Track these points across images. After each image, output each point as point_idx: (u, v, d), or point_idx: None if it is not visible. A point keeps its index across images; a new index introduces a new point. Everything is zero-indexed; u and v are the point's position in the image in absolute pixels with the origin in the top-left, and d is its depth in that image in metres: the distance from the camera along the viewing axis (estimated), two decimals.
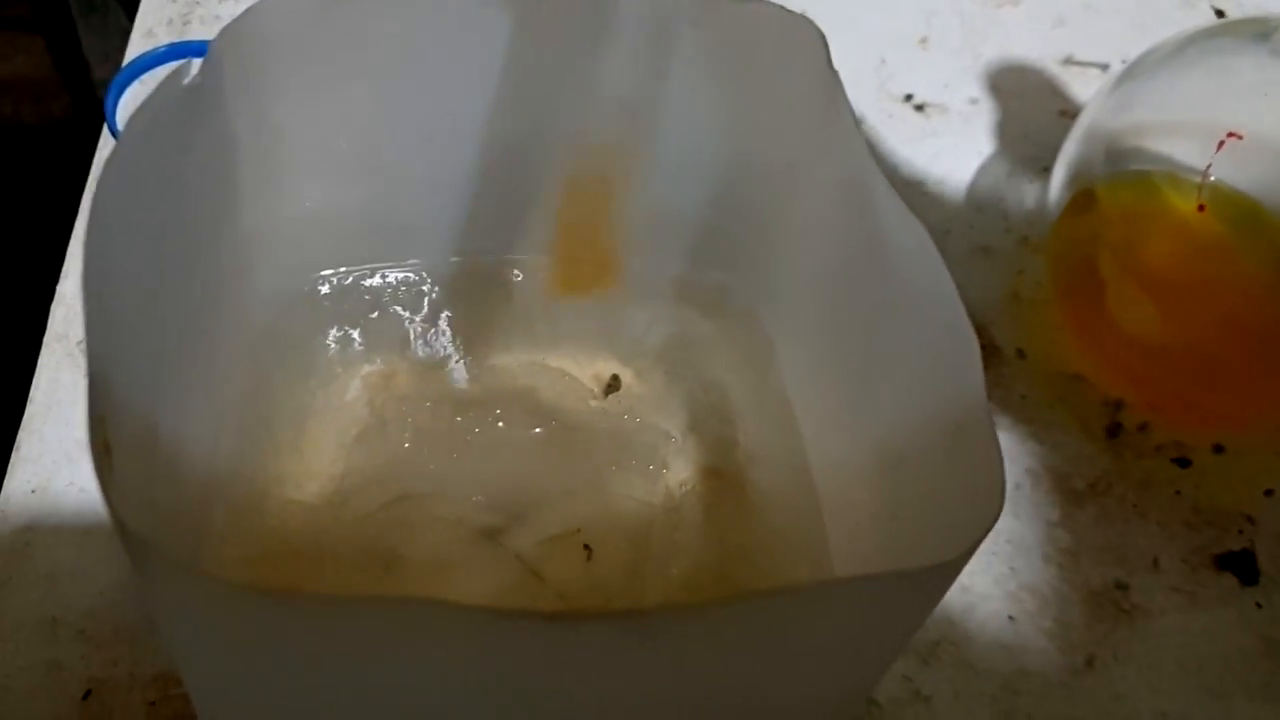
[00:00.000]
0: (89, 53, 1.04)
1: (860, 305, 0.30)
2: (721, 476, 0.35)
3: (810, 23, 0.29)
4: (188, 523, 0.28)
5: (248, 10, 0.29)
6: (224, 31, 0.28)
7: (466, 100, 0.33)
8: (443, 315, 0.37)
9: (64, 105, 1.12)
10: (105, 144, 0.45)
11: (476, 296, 0.37)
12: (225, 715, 0.24)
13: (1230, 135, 0.36)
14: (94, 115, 1.04)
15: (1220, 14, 0.52)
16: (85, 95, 1.07)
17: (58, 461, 0.37)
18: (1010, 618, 0.36)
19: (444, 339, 0.37)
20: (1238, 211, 0.39)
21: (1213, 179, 0.38)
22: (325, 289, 0.36)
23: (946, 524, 0.23)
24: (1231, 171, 0.39)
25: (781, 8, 0.30)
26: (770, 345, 0.36)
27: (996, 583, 0.37)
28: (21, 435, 0.38)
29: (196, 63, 0.27)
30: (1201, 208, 0.37)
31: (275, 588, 0.19)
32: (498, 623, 0.19)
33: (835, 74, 0.29)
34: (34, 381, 0.39)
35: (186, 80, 0.26)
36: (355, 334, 0.36)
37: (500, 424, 0.35)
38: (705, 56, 0.31)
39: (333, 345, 0.36)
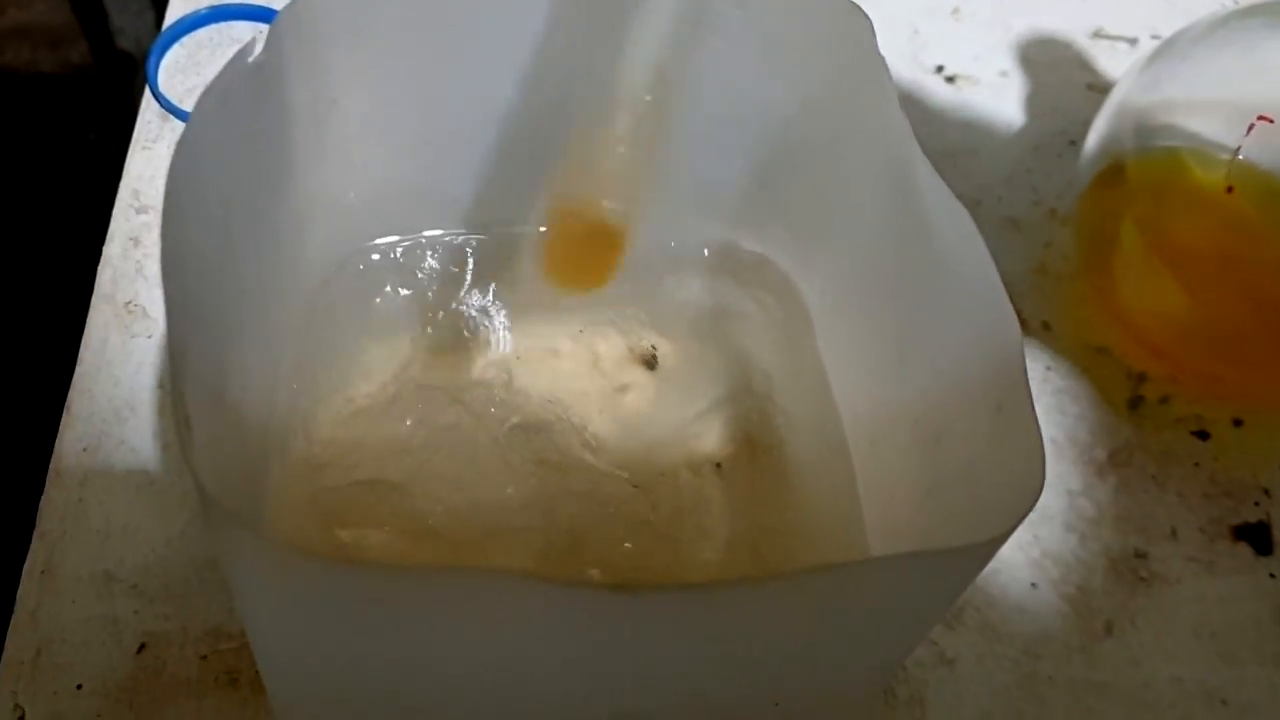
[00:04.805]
0: (108, 1, 1.04)
1: (901, 283, 0.30)
2: (756, 448, 0.36)
3: (858, 8, 0.29)
4: (247, 482, 0.29)
5: None
6: (285, 11, 0.29)
7: (512, 72, 0.33)
8: (488, 288, 0.37)
9: (82, 53, 1.12)
10: (148, 105, 0.46)
11: (520, 267, 0.37)
12: (291, 677, 0.25)
13: (1261, 119, 0.37)
14: (112, 63, 1.05)
15: None
16: (104, 43, 1.07)
17: (107, 420, 0.38)
18: (1033, 584, 0.38)
19: (484, 312, 0.37)
20: (1264, 192, 0.39)
21: (1241, 158, 0.39)
22: (375, 257, 0.36)
23: (984, 501, 0.24)
24: (1260, 153, 0.39)
25: None
26: (808, 318, 0.37)
27: (1020, 549, 0.38)
28: (72, 395, 0.39)
29: (260, 40, 0.28)
30: (1230, 189, 0.38)
31: (343, 557, 0.20)
32: (560, 594, 0.20)
33: (881, 59, 0.29)
34: (83, 342, 0.40)
35: (251, 59, 0.27)
36: (398, 301, 0.37)
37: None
38: (751, 30, 0.32)
39: (380, 312, 0.36)
